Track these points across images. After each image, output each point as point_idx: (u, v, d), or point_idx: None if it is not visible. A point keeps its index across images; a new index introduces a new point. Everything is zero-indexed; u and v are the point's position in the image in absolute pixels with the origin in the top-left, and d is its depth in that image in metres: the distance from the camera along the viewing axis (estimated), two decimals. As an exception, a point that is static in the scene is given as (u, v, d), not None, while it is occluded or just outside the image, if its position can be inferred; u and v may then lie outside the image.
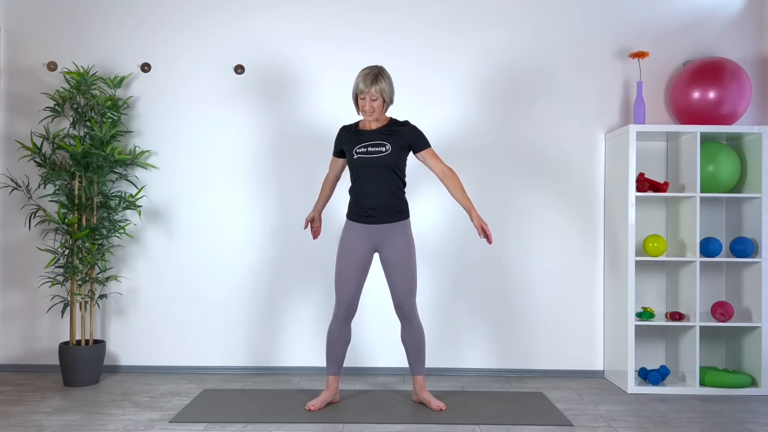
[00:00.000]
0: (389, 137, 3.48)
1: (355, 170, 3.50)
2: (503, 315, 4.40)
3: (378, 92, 3.41)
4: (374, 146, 3.45)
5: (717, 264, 4.39)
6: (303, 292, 4.40)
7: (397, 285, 3.51)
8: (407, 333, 3.60)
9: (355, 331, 4.38)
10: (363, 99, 3.44)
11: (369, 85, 3.40)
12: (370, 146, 3.46)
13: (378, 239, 3.51)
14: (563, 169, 4.40)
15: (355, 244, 3.51)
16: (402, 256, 3.50)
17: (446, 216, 4.40)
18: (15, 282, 4.41)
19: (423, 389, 3.66)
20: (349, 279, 3.51)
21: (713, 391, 3.99)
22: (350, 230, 3.54)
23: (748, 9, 4.40)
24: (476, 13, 4.42)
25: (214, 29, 4.43)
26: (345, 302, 3.53)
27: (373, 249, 3.54)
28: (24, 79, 4.43)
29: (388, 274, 3.53)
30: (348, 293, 3.52)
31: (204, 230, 4.41)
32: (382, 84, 3.42)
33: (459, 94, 4.41)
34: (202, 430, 3.27)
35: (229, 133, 4.42)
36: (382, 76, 3.43)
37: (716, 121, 4.13)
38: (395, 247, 3.50)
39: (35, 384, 4.11)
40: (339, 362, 3.61)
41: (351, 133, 3.55)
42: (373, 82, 3.40)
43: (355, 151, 3.48)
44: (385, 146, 3.45)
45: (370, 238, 3.51)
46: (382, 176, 3.46)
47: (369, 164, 3.45)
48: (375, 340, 4.40)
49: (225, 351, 4.41)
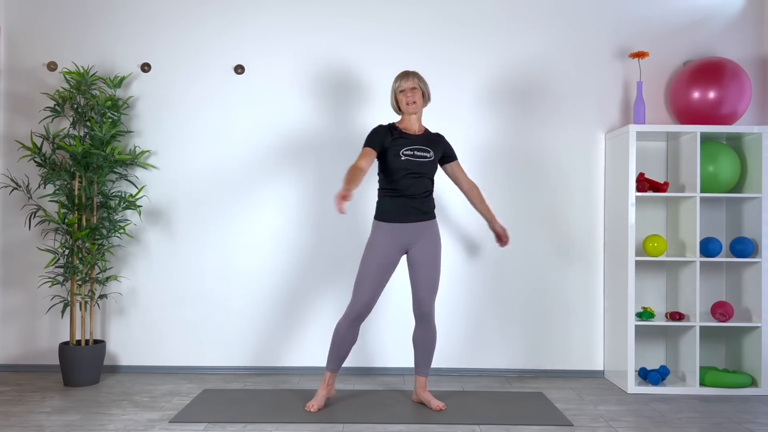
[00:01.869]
0: (431, 144, 3.57)
1: (397, 171, 3.50)
2: (503, 315, 4.40)
3: (415, 83, 3.54)
4: (421, 151, 3.53)
5: (717, 264, 4.39)
6: (303, 292, 4.40)
7: (422, 282, 3.53)
8: (421, 333, 3.60)
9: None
10: (403, 92, 3.53)
11: (406, 77, 3.54)
12: (417, 150, 3.52)
13: (409, 238, 3.53)
14: (563, 169, 4.40)
15: (386, 244, 3.50)
16: (431, 253, 3.53)
17: (446, 216, 4.40)
18: (15, 282, 4.41)
19: (424, 390, 3.67)
20: (373, 280, 3.49)
21: (713, 391, 3.99)
22: (382, 231, 3.52)
23: (748, 9, 4.40)
24: (477, 15, 4.42)
25: (215, 29, 4.43)
26: (361, 303, 3.50)
27: (403, 250, 3.55)
28: (24, 79, 4.43)
29: (415, 271, 3.54)
30: (367, 294, 3.49)
31: (204, 230, 4.41)
32: (419, 78, 3.56)
33: (459, 94, 4.41)
34: (202, 430, 3.27)
35: (229, 133, 4.42)
36: (416, 72, 3.59)
37: (716, 121, 4.13)
38: (426, 244, 3.53)
39: (35, 384, 4.11)
40: (341, 360, 3.60)
41: (395, 133, 3.55)
42: (409, 75, 3.55)
43: (403, 153, 3.50)
44: (429, 152, 3.55)
45: (402, 237, 3.52)
46: (422, 180, 3.53)
47: (414, 167, 3.50)
48: (379, 340, 4.40)
49: (225, 351, 4.41)
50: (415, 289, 3.55)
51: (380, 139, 3.53)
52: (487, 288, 4.40)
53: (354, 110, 4.40)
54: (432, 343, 3.62)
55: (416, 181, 3.50)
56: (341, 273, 4.39)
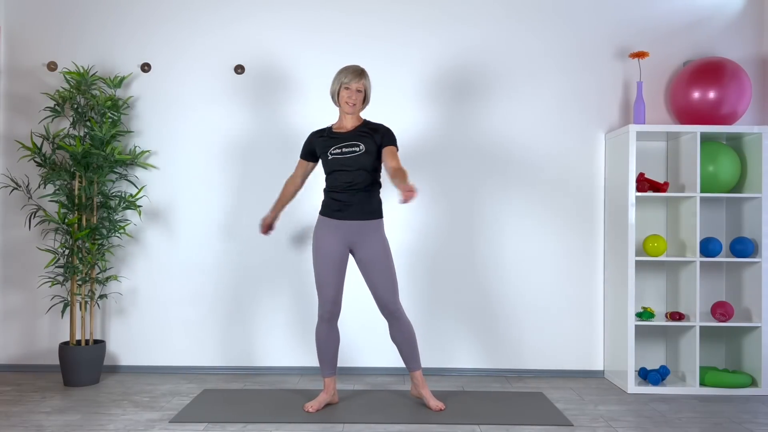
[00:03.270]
0: (363, 137, 3.53)
1: (330, 171, 3.53)
2: (503, 315, 4.40)
3: (363, 85, 3.51)
4: (348, 146, 3.51)
5: (717, 264, 4.39)
6: (303, 292, 4.40)
7: (377, 285, 3.51)
8: (396, 331, 3.59)
9: (353, 331, 4.39)
10: (348, 89, 3.50)
11: (356, 77, 3.50)
12: (344, 147, 3.51)
13: (351, 238, 3.51)
14: (563, 169, 4.40)
15: (329, 241, 3.50)
16: (378, 255, 3.50)
17: (447, 217, 4.40)
18: (15, 282, 4.41)
19: (423, 385, 3.65)
20: (329, 278, 3.50)
21: (713, 391, 3.99)
22: (323, 227, 3.53)
23: (748, 9, 4.40)
24: (477, 14, 4.42)
25: (215, 29, 4.43)
26: (328, 302, 3.51)
27: (348, 247, 3.54)
28: (24, 79, 4.43)
29: (367, 274, 3.53)
30: (329, 293, 3.51)
31: (204, 230, 4.41)
32: (366, 80, 3.53)
33: (459, 94, 4.41)
34: (202, 430, 3.27)
35: (229, 133, 4.42)
36: (366, 73, 3.55)
37: (716, 121, 4.13)
38: (370, 246, 3.50)
39: (35, 384, 4.11)
40: (332, 363, 3.60)
41: (325, 136, 3.58)
42: (360, 76, 3.51)
43: (330, 153, 3.52)
44: (359, 146, 3.51)
45: (344, 235, 3.51)
46: (356, 176, 3.49)
47: (343, 164, 3.49)
48: (378, 341, 4.40)
49: (225, 351, 4.41)
50: (373, 291, 3.54)
51: (308, 148, 3.65)
52: (487, 287, 4.40)
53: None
54: (410, 338, 3.59)
55: (348, 178, 3.49)
56: (341, 273, 4.39)
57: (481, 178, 4.40)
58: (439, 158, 4.40)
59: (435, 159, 4.40)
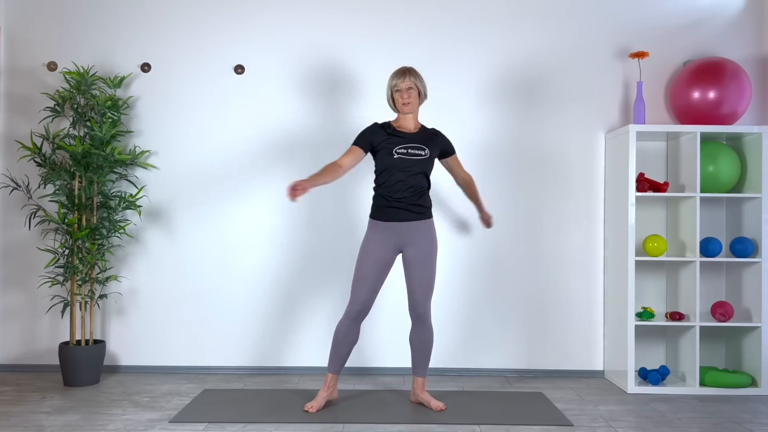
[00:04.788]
0: (427, 142, 3.55)
1: (390, 169, 3.49)
2: (503, 315, 4.40)
3: (412, 82, 3.50)
4: (415, 149, 3.51)
5: (717, 264, 4.39)
6: (304, 292, 4.40)
7: (416, 284, 3.52)
8: (418, 334, 3.59)
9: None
10: (398, 91, 3.50)
11: (402, 76, 3.50)
12: (410, 148, 3.50)
13: (403, 238, 3.51)
14: (563, 169, 4.40)
15: (380, 243, 3.49)
16: (426, 255, 3.51)
17: (446, 216, 4.40)
18: (15, 282, 4.41)
19: (423, 390, 3.67)
20: (369, 279, 3.49)
21: (713, 391, 3.99)
22: (376, 229, 3.52)
23: (748, 9, 4.40)
24: (477, 14, 4.42)
25: (215, 29, 4.43)
26: (360, 302, 3.50)
27: (398, 249, 3.54)
28: (24, 79, 4.43)
29: (409, 272, 3.53)
30: (365, 293, 3.49)
31: (204, 230, 4.41)
32: (415, 76, 3.53)
33: (459, 95, 4.41)
34: (202, 430, 3.27)
35: (230, 133, 4.42)
36: (413, 71, 3.55)
37: (716, 121, 4.13)
38: (420, 245, 3.51)
39: (35, 384, 4.11)
40: (342, 361, 3.60)
41: (388, 131, 3.55)
42: (406, 73, 3.51)
43: (396, 151, 3.49)
44: (424, 150, 3.52)
45: (396, 236, 3.51)
46: (416, 178, 3.51)
47: (408, 166, 3.48)
48: (378, 341, 4.40)
49: (225, 351, 4.41)
50: (410, 290, 3.54)
51: (369, 138, 3.54)
52: (487, 287, 4.40)
53: (352, 108, 4.40)
54: (429, 344, 3.61)
55: (410, 179, 3.49)
56: (340, 272, 4.39)
57: (480, 178, 4.40)
58: (439, 158, 4.40)
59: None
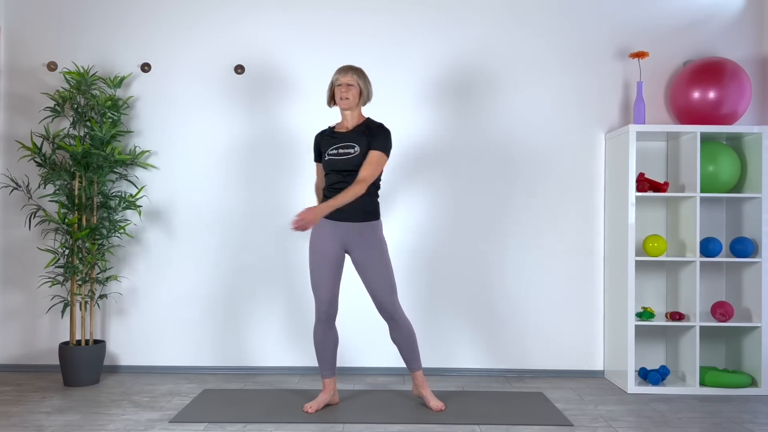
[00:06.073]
0: (359, 138, 3.49)
1: (327, 171, 3.53)
2: (503, 315, 4.40)
3: (354, 79, 3.48)
4: (345, 147, 3.49)
5: (717, 264, 4.39)
6: (304, 292, 4.40)
7: (374, 286, 3.49)
8: (396, 332, 3.58)
9: (353, 331, 4.39)
10: (339, 86, 3.49)
11: (346, 72, 3.48)
12: (341, 147, 3.49)
13: (347, 239, 3.49)
14: (563, 169, 4.40)
15: (325, 242, 3.49)
16: (373, 257, 3.48)
17: (446, 217, 4.40)
18: (15, 282, 4.41)
19: (424, 385, 3.65)
20: (325, 278, 3.49)
21: (713, 391, 3.99)
22: (319, 228, 3.52)
23: (748, 9, 4.40)
24: (476, 14, 4.42)
25: (215, 29, 4.43)
26: (324, 302, 3.50)
27: (344, 248, 3.52)
28: (24, 79, 4.43)
29: (363, 276, 3.51)
30: (325, 292, 3.50)
31: (204, 230, 4.41)
32: (358, 74, 3.49)
33: (459, 94, 4.41)
34: (202, 430, 3.27)
35: (229, 133, 4.42)
36: (359, 69, 3.52)
37: (716, 121, 4.13)
38: (366, 247, 3.48)
39: (35, 384, 4.11)
40: (330, 364, 3.59)
41: (326, 136, 3.58)
42: (348, 70, 3.48)
43: (327, 153, 3.52)
44: (353, 148, 3.48)
45: (340, 236, 3.49)
46: (352, 177, 3.48)
47: (338, 165, 3.48)
48: (376, 340, 4.40)
49: (224, 351, 4.41)
50: (372, 294, 3.52)
51: (317, 148, 3.65)
52: (487, 287, 4.40)
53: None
54: (410, 338, 3.58)
55: (348, 178, 3.48)
56: (341, 273, 4.39)
57: (481, 178, 4.40)
58: (439, 158, 4.39)
59: (435, 159, 4.40)
